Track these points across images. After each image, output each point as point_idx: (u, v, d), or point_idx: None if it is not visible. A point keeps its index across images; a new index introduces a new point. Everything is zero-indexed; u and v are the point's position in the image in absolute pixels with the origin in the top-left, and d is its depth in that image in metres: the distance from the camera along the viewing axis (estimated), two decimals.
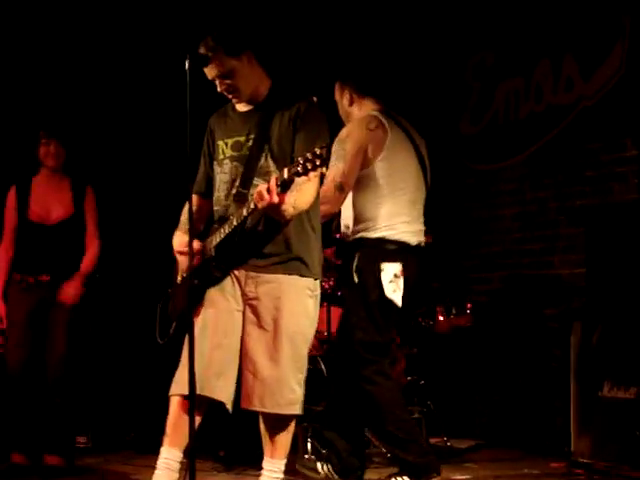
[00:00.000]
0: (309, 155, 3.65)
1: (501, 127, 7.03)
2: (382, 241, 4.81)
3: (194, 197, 4.28)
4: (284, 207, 3.85)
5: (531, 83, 6.76)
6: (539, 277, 6.61)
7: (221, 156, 4.16)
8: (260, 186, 3.78)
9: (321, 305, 6.12)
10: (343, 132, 4.89)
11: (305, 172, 3.67)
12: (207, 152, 4.30)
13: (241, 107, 4.19)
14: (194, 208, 4.21)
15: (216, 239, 4.02)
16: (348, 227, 4.92)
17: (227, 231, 3.96)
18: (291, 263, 4.03)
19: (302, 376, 4.07)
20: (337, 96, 5.09)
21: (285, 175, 3.72)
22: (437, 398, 6.00)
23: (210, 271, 4.03)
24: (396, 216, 4.84)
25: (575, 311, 5.63)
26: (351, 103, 5.04)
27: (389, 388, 4.82)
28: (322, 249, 4.21)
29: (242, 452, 5.39)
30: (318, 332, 6.26)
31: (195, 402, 3.69)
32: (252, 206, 3.82)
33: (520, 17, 6.83)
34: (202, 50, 4.01)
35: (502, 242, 6.88)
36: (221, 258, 4.02)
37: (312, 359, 6.10)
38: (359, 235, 4.85)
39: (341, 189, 4.81)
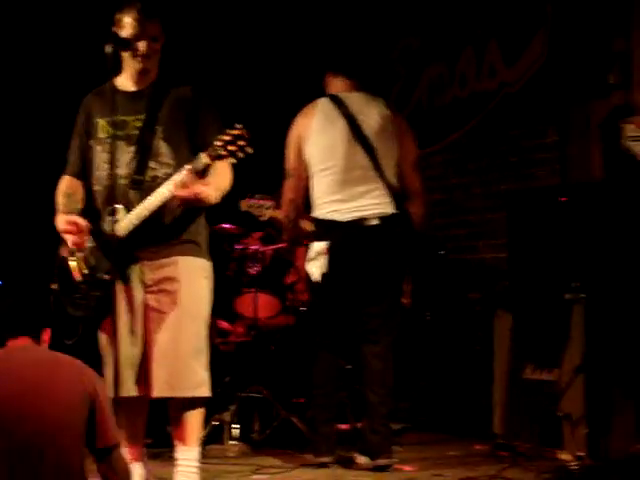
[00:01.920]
0: (226, 137, 3.69)
1: (426, 112, 7.08)
2: (314, 220, 5.07)
3: (68, 178, 4.25)
4: (208, 193, 3.88)
5: (455, 69, 6.82)
6: (464, 261, 6.68)
7: (102, 134, 4.10)
8: (175, 180, 3.81)
9: (248, 291, 6.25)
10: None
11: (230, 154, 3.71)
12: (82, 131, 4.21)
13: (126, 86, 4.13)
14: (69, 188, 4.20)
15: (124, 227, 3.92)
16: None
17: (136, 222, 3.91)
18: (185, 245, 4.05)
19: (205, 358, 4.07)
20: None
21: (204, 160, 3.76)
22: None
23: (119, 263, 3.94)
24: (323, 197, 5.01)
25: (498, 295, 5.70)
26: (325, 85, 5.25)
27: (313, 365, 5.10)
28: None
29: (166, 437, 5.37)
30: (245, 318, 6.31)
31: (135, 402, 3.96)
32: (166, 195, 3.84)
33: (446, 2, 6.87)
34: (145, 10, 4.01)
35: (428, 227, 6.93)
36: (128, 247, 3.96)
37: (242, 345, 6.15)
38: None
39: (288, 175, 5.11)
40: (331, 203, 4.98)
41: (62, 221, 4.07)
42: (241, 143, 3.72)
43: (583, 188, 5.47)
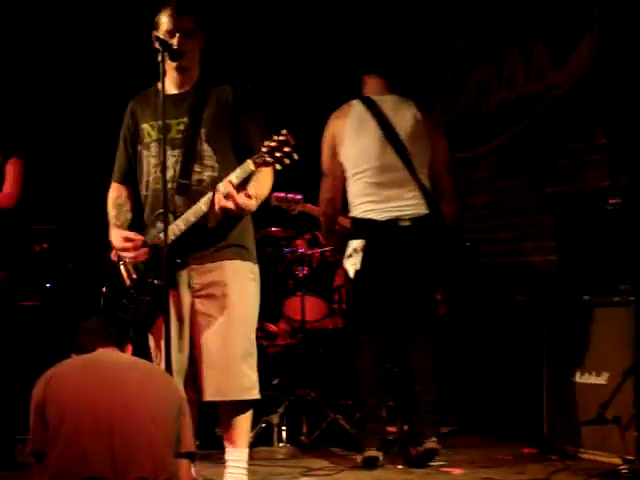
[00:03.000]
0: (272, 143, 3.69)
1: (473, 115, 7.06)
2: (351, 220, 5.15)
3: (116, 186, 4.29)
4: (248, 203, 3.90)
5: (503, 71, 6.79)
6: (511, 264, 6.65)
7: (147, 139, 4.12)
8: (219, 191, 3.82)
9: (294, 294, 6.27)
10: None
11: (276, 161, 3.71)
12: (129, 136, 4.24)
13: (168, 89, 4.11)
14: (119, 198, 4.25)
15: (170, 235, 3.93)
16: None
17: (184, 228, 3.94)
18: (231, 249, 4.06)
19: (254, 360, 4.09)
20: None
21: (250, 167, 3.76)
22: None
23: (167, 268, 3.92)
24: (361, 197, 5.11)
25: (547, 298, 5.67)
26: (362, 87, 5.30)
27: (357, 364, 5.15)
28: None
29: (215, 439, 5.40)
30: (293, 320, 6.34)
31: None
32: (209, 205, 3.86)
33: (493, 5, 6.85)
34: (178, 7, 4.04)
35: (475, 230, 6.92)
36: (175, 253, 3.98)
37: (289, 348, 6.17)
38: None
39: (324, 175, 5.22)
40: (367, 204, 5.10)
41: (117, 238, 4.10)
42: (287, 149, 3.72)
43: (632, 190, 5.43)
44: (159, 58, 3.83)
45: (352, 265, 5.08)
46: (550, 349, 5.42)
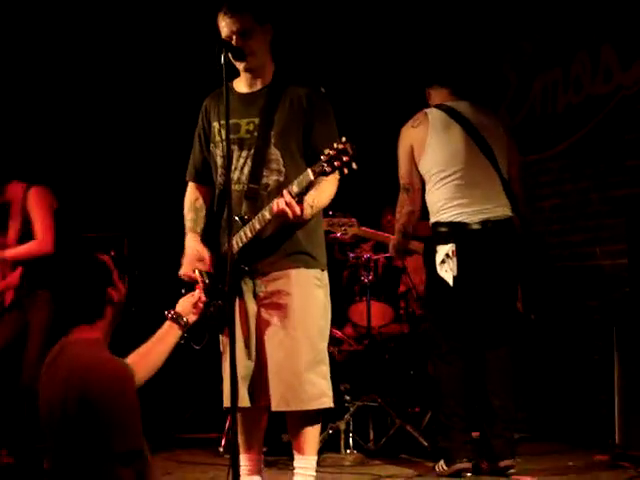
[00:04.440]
0: (332, 152, 3.62)
1: (539, 118, 6.98)
2: (437, 225, 5.03)
3: (194, 186, 4.28)
4: (305, 213, 3.86)
5: (570, 73, 6.70)
6: (581, 268, 6.55)
7: (217, 137, 4.08)
8: (279, 201, 3.77)
9: (361, 300, 6.25)
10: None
11: (333, 170, 3.64)
12: (203, 134, 4.22)
13: (241, 88, 4.10)
14: (197, 201, 4.24)
15: (238, 242, 3.95)
16: None
17: (250, 235, 3.93)
18: (297, 256, 4.01)
19: (325, 368, 4.04)
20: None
21: (310, 177, 3.71)
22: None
23: (234, 275, 3.92)
24: (446, 201, 4.99)
25: (618, 302, 5.57)
26: (428, 98, 5.26)
27: (443, 373, 5.00)
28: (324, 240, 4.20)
29: (282, 446, 5.40)
30: (359, 326, 6.32)
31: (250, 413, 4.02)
32: (273, 213, 3.82)
33: (558, 7, 6.77)
34: (229, 6, 3.97)
35: (543, 234, 6.83)
36: (242, 261, 3.98)
37: (355, 354, 6.14)
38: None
39: (405, 190, 5.11)
40: (456, 207, 4.97)
41: (192, 250, 4.10)
42: (345, 159, 3.62)
43: None
44: (222, 60, 3.73)
45: (448, 271, 4.96)
46: (621, 354, 5.32)
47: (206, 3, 5.02)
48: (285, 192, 3.79)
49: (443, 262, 4.95)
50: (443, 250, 4.96)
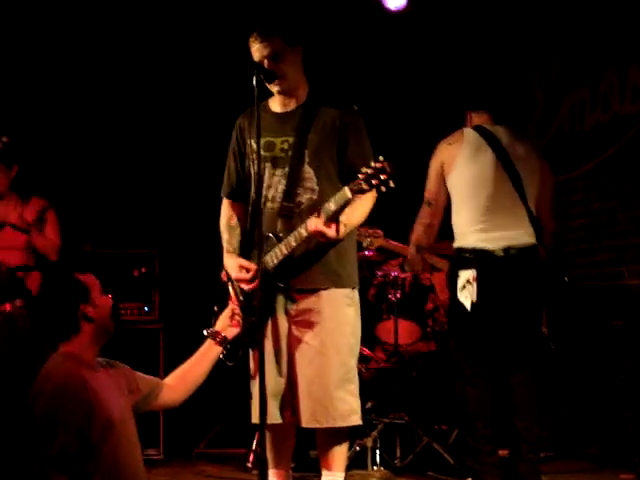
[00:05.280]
0: (369, 170, 3.66)
1: (567, 138, 6.99)
2: (460, 250, 5.00)
3: (228, 204, 4.33)
4: (339, 233, 3.88)
5: (597, 93, 6.72)
6: (608, 288, 6.55)
7: (253, 155, 4.09)
8: (315, 220, 3.81)
9: (388, 317, 6.29)
10: None
11: (371, 188, 3.68)
12: (237, 151, 4.26)
13: (275, 107, 4.14)
14: (231, 219, 4.30)
15: (273, 259, 3.99)
16: None
17: (285, 252, 3.96)
18: (328, 275, 4.04)
19: (354, 386, 4.06)
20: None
21: (348, 195, 3.74)
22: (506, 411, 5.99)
23: (268, 292, 3.99)
24: (469, 225, 4.98)
25: None
26: (467, 122, 5.24)
27: (469, 396, 4.98)
28: (356, 259, 4.23)
29: (309, 462, 5.44)
30: (386, 344, 6.35)
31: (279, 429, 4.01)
32: (309, 231, 3.87)
33: (585, 27, 6.79)
34: (259, 31, 4.02)
35: (570, 253, 6.84)
36: (276, 277, 4.01)
37: (383, 371, 6.17)
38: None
39: (428, 203, 5.10)
40: (478, 232, 4.95)
41: (234, 266, 4.14)
42: (383, 177, 3.65)
43: None
44: (254, 82, 3.80)
45: (467, 297, 4.98)
46: None
47: (240, 20, 5.12)
48: (321, 211, 3.83)
49: (464, 287, 4.95)
50: (465, 275, 4.95)
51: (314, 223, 3.84)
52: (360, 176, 3.69)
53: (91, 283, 3.50)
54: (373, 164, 3.67)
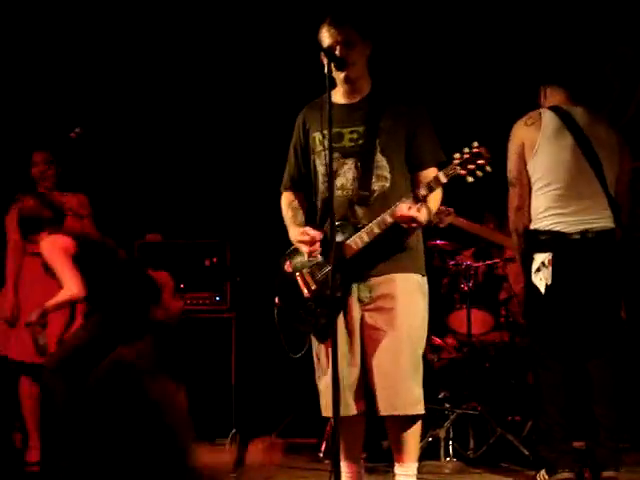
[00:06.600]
0: (465, 155, 3.67)
1: None
2: (536, 232, 4.95)
3: (288, 193, 4.34)
4: (424, 218, 3.90)
5: None
6: None
7: (319, 147, 4.13)
8: (403, 207, 3.83)
9: (461, 307, 6.24)
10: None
11: (468, 173, 3.73)
12: (300, 145, 4.27)
13: (339, 99, 4.15)
14: (293, 202, 4.30)
15: (354, 246, 3.97)
16: None
17: (367, 240, 3.95)
18: (401, 261, 4.03)
19: (420, 376, 4.05)
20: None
21: (442, 180, 3.78)
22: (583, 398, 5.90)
23: (343, 281, 3.97)
24: (548, 209, 4.93)
25: None
26: (541, 98, 5.19)
27: (543, 380, 4.92)
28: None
29: (381, 452, 5.42)
30: (458, 334, 6.30)
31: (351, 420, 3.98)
32: (396, 217, 3.86)
33: None
34: (334, 18, 4.06)
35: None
36: (352, 266, 3.99)
37: (455, 361, 6.12)
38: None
39: (512, 184, 5.06)
40: (555, 216, 4.90)
41: (296, 232, 4.15)
42: (480, 162, 3.71)
43: None
44: (325, 70, 3.82)
45: (542, 280, 4.92)
46: None
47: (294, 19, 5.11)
48: (412, 197, 3.85)
49: (538, 270, 4.91)
50: (540, 258, 4.90)
51: (404, 208, 3.84)
52: (455, 161, 3.73)
53: (165, 282, 3.47)
54: (468, 150, 3.72)
